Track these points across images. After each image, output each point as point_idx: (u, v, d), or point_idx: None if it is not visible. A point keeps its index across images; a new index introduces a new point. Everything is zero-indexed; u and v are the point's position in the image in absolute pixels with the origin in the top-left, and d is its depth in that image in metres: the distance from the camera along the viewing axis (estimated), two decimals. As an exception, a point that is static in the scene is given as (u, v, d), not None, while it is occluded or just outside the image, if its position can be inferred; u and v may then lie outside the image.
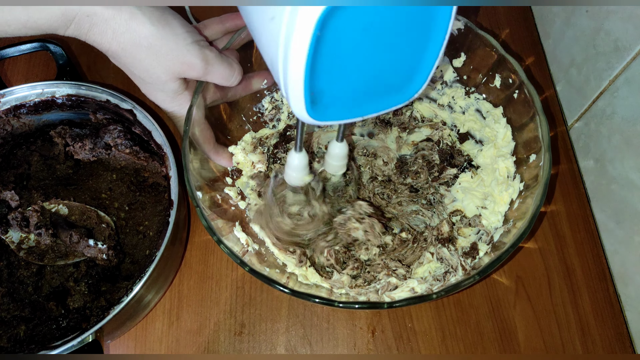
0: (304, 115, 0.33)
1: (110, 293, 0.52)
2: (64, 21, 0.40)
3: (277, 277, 0.46)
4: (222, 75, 0.47)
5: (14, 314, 0.50)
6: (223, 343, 0.54)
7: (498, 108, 0.54)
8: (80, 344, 0.43)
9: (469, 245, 0.51)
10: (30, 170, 0.58)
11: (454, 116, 0.59)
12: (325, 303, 0.42)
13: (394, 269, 0.51)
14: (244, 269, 0.43)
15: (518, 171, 0.51)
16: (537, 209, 0.44)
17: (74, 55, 0.70)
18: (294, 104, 0.32)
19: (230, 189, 0.54)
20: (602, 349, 0.52)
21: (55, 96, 0.55)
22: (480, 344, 0.53)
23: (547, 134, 0.47)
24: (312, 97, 0.31)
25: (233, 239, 0.49)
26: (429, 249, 0.52)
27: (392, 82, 0.34)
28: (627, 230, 0.53)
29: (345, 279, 0.50)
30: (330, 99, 0.33)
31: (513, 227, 0.47)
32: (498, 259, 0.43)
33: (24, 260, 0.53)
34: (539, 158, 0.47)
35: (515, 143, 0.52)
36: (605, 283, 0.55)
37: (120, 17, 0.41)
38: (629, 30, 0.51)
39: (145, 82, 0.47)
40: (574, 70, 0.61)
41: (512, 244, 0.43)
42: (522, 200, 0.49)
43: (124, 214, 0.56)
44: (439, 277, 0.49)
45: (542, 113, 0.47)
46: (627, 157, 0.52)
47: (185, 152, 0.47)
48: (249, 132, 0.58)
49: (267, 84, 0.57)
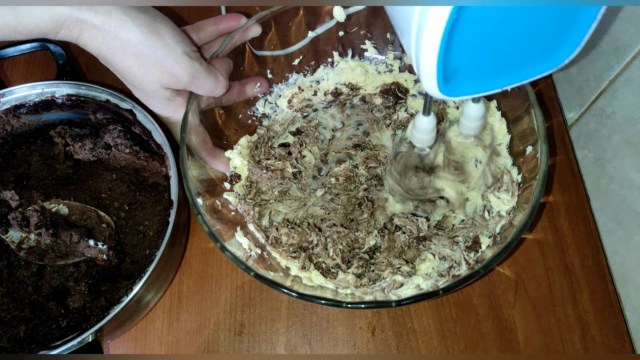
0: (436, 93, 0.31)
1: (110, 293, 0.52)
2: (53, 26, 0.40)
3: (282, 280, 0.47)
4: (206, 88, 0.48)
5: (14, 314, 0.50)
6: (223, 343, 0.54)
7: (492, 101, 0.54)
8: (80, 344, 0.43)
9: (471, 239, 0.51)
10: (30, 170, 0.58)
11: (449, 111, 0.59)
12: (332, 304, 0.42)
13: (397, 266, 0.51)
14: (249, 274, 0.43)
15: (515, 163, 0.51)
16: (538, 200, 0.44)
17: (74, 55, 0.70)
18: (426, 82, 0.30)
19: (229, 194, 0.54)
20: (602, 348, 0.52)
21: (55, 96, 0.55)
22: (480, 343, 0.53)
23: (543, 125, 0.47)
24: (445, 75, 0.30)
25: (235, 244, 0.49)
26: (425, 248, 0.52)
27: (532, 53, 0.31)
28: (627, 230, 0.53)
29: (351, 278, 0.50)
30: (464, 76, 0.31)
31: (514, 220, 0.47)
32: (502, 251, 0.43)
33: (24, 260, 0.53)
34: (535, 149, 0.47)
35: (510, 136, 0.52)
36: (605, 282, 0.55)
37: (109, 24, 0.41)
38: (629, 30, 0.51)
39: (137, 88, 0.47)
40: (574, 70, 0.61)
41: (514, 235, 0.43)
42: (521, 192, 0.49)
43: (123, 213, 0.56)
44: (444, 272, 0.49)
45: (537, 105, 0.47)
46: (626, 156, 0.52)
47: (183, 159, 0.47)
48: (244, 136, 0.58)
49: (260, 89, 0.58)
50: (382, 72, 0.61)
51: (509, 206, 0.50)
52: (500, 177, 0.52)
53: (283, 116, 0.61)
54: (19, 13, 0.39)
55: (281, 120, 0.61)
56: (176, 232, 0.49)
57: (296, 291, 0.42)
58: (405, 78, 0.60)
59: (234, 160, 0.55)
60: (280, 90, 0.61)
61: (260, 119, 0.61)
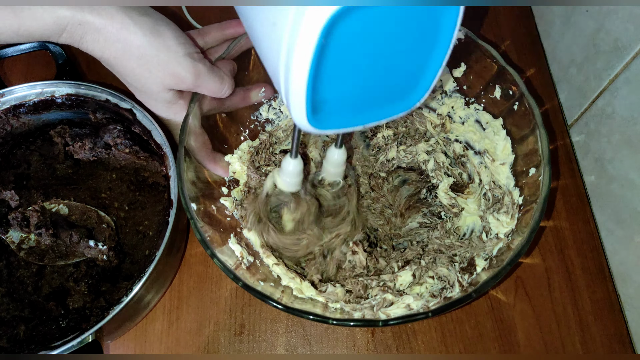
0: (305, 124, 0.32)
1: (110, 293, 0.52)
2: (56, 29, 0.40)
3: (271, 290, 0.45)
4: (212, 89, 0.47)
5: (14, 314, 0.50)
6: (223, 343, 0.54)
7: (498, 119, 0.53)
8: (80, 344, 0.43)
9: (467, 260, 0.50)
10: (30, 170, 0.58)
11: (454, 126, 0.58)
12: (319, 320, 0.41)
13: (388, 284, 0.50)
14: (237, 284, 0.43)
15: (518, 184, 0.50)
16: (537, 224, 0.43)
17: (74, 55, 0.70)
18: (295, 112, 0.31)
19: (226, 199, 0.53)
20: (601, 348, 0.52)
21: (54, 96, 0.55)
22: (479, 343, 0.53)
23: (547, 148, 0.46)
24: (314, 105, 0.31)
25: (227, 251, 0.48)
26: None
27: (395, 90, 0.34)
28: (627, 230, 0.53)
29: (340, 291, 0.49)
30: (332, 108, 0.32)
31: (512, 243, 0.46)
32: (497, 275, 0.42)
33: (24, 260, 0.53)
34: (538, 172, 0.46)
35: (515, 155, 0.51)
36: (605, 282, 0.55)
37: (112, 27, 0.41)
38: (629, 30, 0.51)
39: (139, 91, 0.47)
40: (574, 70, 0.61)
41: (510, 260, 0.42)
42: (521, 215, 0.48)
43: (123, 213, 0.56)
44: (436, 292, 0.48)
45: (543, 126, 0.46)
46: (626, 156, 0.52)
47: (179, 161, 0.46)
48: (245, 141, 0.57)
49: (265, 94, 0.57)
50: None
51: (507, 228, 0.49)
52: (501, 198, 0.51)
53: (287, 122, 0.60)
54: (21, 16, 0.39)
55: (284, 126, 0.60)
56: (176, 232, 0.49)
57: (284, 304, 0.41)
58: None
59: (233, 164, 0.54)
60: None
61: (263, 125, 0.60)
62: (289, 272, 0.50)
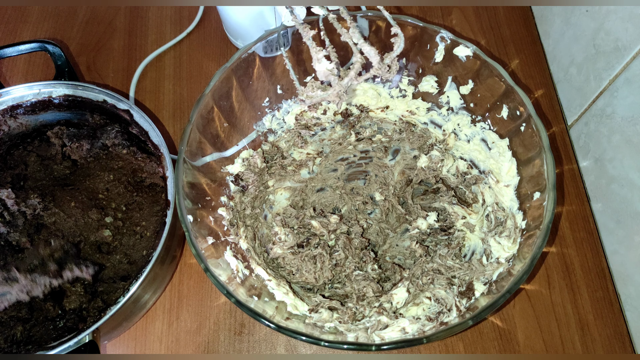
0: None
1: (107, 293, 0.52)
2: None
3: (266, 306, 0.45)
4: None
5: (11, 314, 0.50)
6: (223, 343, 0.53)
7: (504, 140, 0.51)
8: (77, 344, 0.43)
9: (466, 283, 0.49)
10: (27, 171, 0.58)
11: (459, 144, 0.56)
12: (311, 342, 0.40)
13: (385, 305, 0.49)
14: (230, 300, 0.41)
15: (521, 208, 0.49)
16: (539, 250, 0.42)
17: (72, 56, 0.70)
18: None
19: (224, 209, 0.52)
20: (601, 348, 0.52)
21: (52, 96, 0.54)
22: (480, 343, 0.53)
23: (553, 173, 0.44)
24: None
25: (223, 264, 0.47)
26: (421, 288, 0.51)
27: None
28: (627, 230, 0.53)
29: (326, 315, 0.48)
30: None
31: (512, 268, 0.45)
32: (496, 302, 0.40)
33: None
34: (543, 196, 0.45)
35: (520, 177, 0.49)
36: (605, 282, 0.55)
37: None
38: (629, 30, 0.50)
39: None
40: (574, 70, 0.61)
41: (510, 287, 0.41)
42: (523, 240, 0.46)
43: (121, 214, 0.56)
44: (432, 316, 0.47)
45: (549, 150, 0.45)
46: (627, 156, 0.52)
47: (179, 171, 0.44)
48: (246, 150, 0.55)
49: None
50: (394, 97, 0.57)
51: (509, 253, 0.47)
52: (503, 221, 0.50)
53: (290, 133, 0.59)
54: None
55: (287, 137, 0.59)
56: (173, 232, 0.49)
57: (276, 324, 0.40)
58: (418, 105, 0.57)
59: (235, 167, 0.54)
60: (289, 107, 0.57)
61: (265, 135, 0.58)
62: (281, 287, 0.49)
